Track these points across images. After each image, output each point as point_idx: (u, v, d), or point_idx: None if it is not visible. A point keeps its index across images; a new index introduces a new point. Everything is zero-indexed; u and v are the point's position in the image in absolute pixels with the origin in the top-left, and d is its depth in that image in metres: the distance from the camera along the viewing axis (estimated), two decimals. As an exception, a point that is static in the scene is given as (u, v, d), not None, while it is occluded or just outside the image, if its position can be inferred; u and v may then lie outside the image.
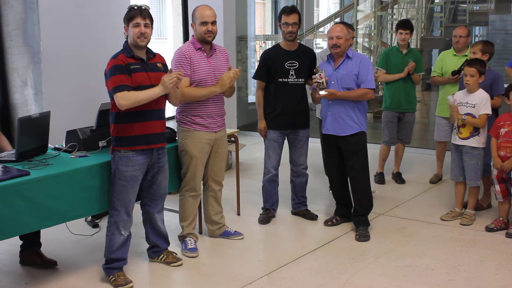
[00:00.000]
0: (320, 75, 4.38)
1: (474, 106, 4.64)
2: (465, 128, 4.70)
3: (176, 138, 4.28)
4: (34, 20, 5.13)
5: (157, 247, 4.06)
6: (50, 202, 3.40)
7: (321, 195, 5.65)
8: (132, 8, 3.62)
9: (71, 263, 4.04)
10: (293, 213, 5.08)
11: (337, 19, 12.34)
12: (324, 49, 5.58)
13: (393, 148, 6.20)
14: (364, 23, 12.28)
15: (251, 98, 9.74)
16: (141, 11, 3.60)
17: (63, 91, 5.35)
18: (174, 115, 4.29)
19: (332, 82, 4.48)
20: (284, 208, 5.14)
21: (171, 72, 3.61)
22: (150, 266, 4.04)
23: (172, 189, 4.32)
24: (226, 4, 7.97)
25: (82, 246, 4.38)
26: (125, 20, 3.64)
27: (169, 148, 4.11)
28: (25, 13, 5.18)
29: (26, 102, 5.34)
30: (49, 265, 3.97)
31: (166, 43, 10.23)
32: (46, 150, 3.89)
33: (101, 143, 3.99)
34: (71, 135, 3.96)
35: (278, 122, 4.73)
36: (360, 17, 11.52)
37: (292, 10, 4.64)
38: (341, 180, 4.78)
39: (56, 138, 4.12)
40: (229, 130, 5.02)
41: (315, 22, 13.70)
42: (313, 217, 4.96)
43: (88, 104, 4.01)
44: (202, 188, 4.38)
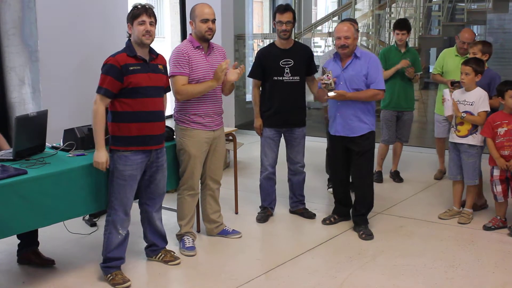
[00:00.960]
0: (327, 76, 4.28)
1: (471, 104, 4.64)
2: (463, 126, 4.70)
3: (174, 136, 4.28)
4: (32, 19, 5.12)
5: (155, 246, 4.05)
6: (47, 201, 3.40)
7: (319, 194, 5.65)
8: (136, 7, 3.61)
9: (69, 262, 4.04)
10: (291, 211, 5.08)
11: (335, 18, 12.35)
12: (332, 49, 5.57)
13: (391, 147, 6.20)
14: (362, 22, 12.29)
15: (249, 97, 9.73)
16: (146, 9, 3.59)
17: (61, 89, 5.34)
18: (172, 114, 4.28)
19: (341, 83, 4.40)
20: (282, 206, 5.14)
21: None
22: (148, 265, 4.04)
23: (170, 188, 4.31)
24: (224, 2, 7.97)
25: (79, 245, 4.37)
26: (129, 18, 3.62)
27: (167, 147, 4.10)
28: (23, 12, 5.16)
29: (23, 101, 5.32)
30: (47, 264, 3.96)
31: (164, 42, 10.24)
32: (44, 149, 3.89)
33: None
34: (69, 134, 3.95)
35: (274, 120, 4.74)
36: (358, 15, 11.54)
37: (286, 8, 4.63)
38: (345, 180, 4.76)
39: (54, 137, 4.12)
40: (227, 129, 5.01)
41: (313, 20, 13.71)
42: (310, 215, 4.96)
43: (86, 102, 4.00)
44: (200, 186, 4.37)
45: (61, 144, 3.96)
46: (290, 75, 4.66)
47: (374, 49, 11.21)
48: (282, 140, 4.89)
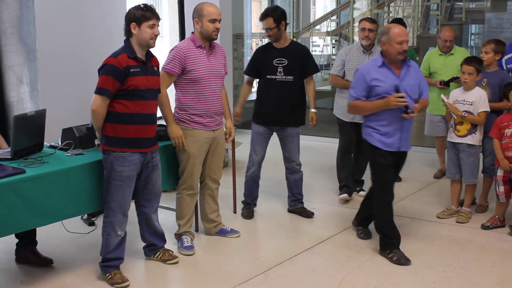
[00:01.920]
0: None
1: (471, 104, 4.63)
2: (463, 125, 4.70)
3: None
4: (30, 18, 5.12)
5: (153, 245, 4.05)
6: (46, 200, 3.40)
7: (318, 193, 5.64)
8: (144, 8, 3.53)
9: (67, 261, 4.03)
10: (289, 210, 5.07)
11: (334, 17, 12.35)
12: (350, 45, 5.55)
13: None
14: (361, 21, 12.24)
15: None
16: (155, 13, 3.55)
17: (59, 89, 5.34)
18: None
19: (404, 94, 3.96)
20: (281, 206, 5.14)
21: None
22: (146, 264, 4.03)
23: (168, 187, 4.31)
24: (223, 1, 7.95)
25: (78, 244, 4.37)
26: (137, 19, 3.51)
27: (165, 146, 4.10)
28: (21, 11, 5.16)
29: (21, 100, 5.32)
30: (45, 263, 3.96)
31: (163, 41, 10.22)
32: (42, 148, 3.88)
33: (97, 141, 3.97)
34: (67, 133, 3.95)
35: (265, 118, 4.77)
36: (356, 15, 11.51)
37: (264, 15, 4.63)
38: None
39: (52, 136, 4.11)
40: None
41: (311, 20, 13.69)
42: (309, 214, 4.96)
43: (84, 101, 4.00)
44: (199, 186, 4.37)
45: (59, 143, 3.96)
46: (283, 74, 4.67)
47: (372, 48, 11.17)
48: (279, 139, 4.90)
